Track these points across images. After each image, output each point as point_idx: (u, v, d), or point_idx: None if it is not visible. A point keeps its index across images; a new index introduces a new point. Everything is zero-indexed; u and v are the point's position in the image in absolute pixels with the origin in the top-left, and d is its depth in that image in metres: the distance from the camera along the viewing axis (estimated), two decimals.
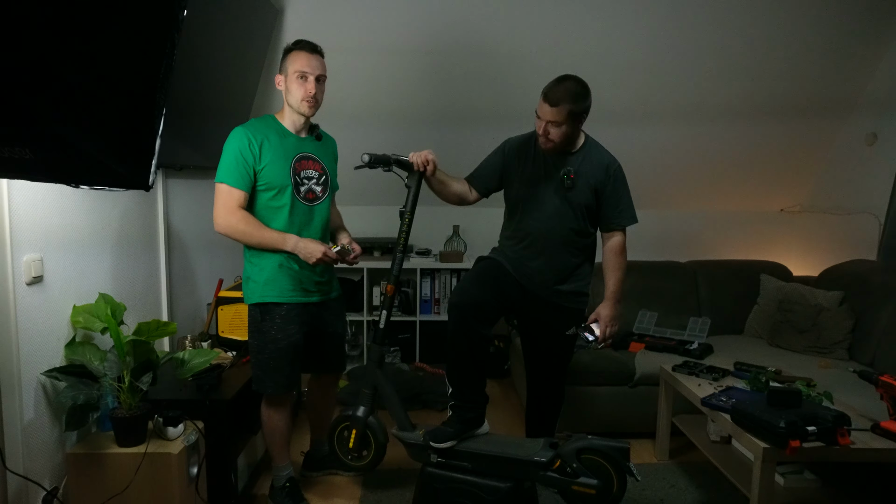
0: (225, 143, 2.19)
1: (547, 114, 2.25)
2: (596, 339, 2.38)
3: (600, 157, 2.42)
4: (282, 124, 2.28)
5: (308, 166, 2.30)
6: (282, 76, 2.24)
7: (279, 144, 2.22)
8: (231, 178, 2.15)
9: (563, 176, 2.37)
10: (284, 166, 2.22)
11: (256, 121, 2.28)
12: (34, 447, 1.90)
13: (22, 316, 1.83)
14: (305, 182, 2.29)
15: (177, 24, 1.00)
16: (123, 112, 1.06)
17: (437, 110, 3.71)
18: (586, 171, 2.38)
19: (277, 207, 2.23)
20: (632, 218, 2.46)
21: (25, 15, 0.97)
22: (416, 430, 2.26)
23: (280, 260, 2.23)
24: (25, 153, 1.06)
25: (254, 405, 2.58)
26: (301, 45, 2.22)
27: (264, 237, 2.19)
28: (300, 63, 2.19)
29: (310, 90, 2.19)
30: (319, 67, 2.22)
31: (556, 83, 2.28)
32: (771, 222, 4.46)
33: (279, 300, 2.24)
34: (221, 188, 2.17)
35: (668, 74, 3.53)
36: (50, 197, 1.95)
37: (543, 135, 2.30)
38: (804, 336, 3.35)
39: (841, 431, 2.05)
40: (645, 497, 2.64)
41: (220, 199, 2.17)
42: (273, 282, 2.24)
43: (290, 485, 2.44)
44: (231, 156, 2.16)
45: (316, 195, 2.32)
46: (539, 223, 2.42)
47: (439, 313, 4.16)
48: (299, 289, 2.28)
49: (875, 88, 3.66)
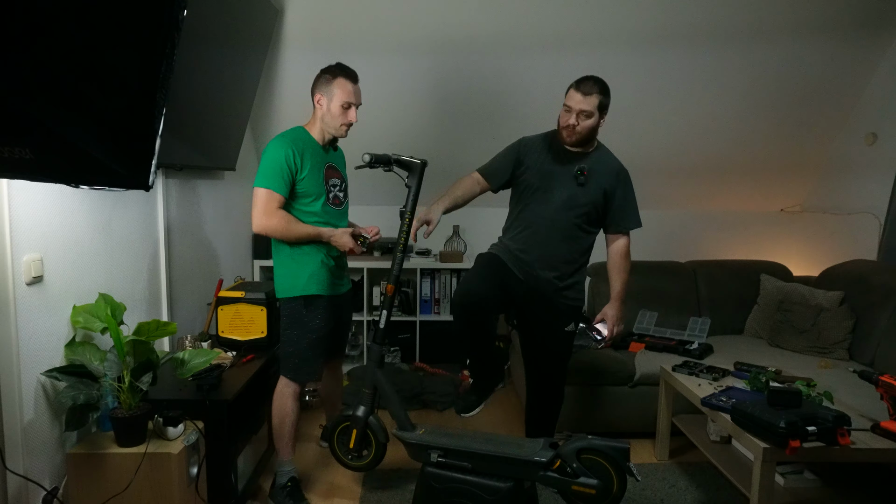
0: (265, 151, 2.37)
1: (580, 103, 2.36)
2: (603, 338, 2.47)
3: (611, 161, 2.53)
4: (312, 137, 2.46)
5: (333, 175, 2.52)
6: (323, 97, 2.40)
7: (314, 156, 2.42)
8: (273, 183, 2.32)
9: (577, 172, 2.46)
10: (319, 176, 2.44)
11: (292, 132, 2.43)
12: (34, 447, 1.90)
13: (22, 316, 1.83)
14: (332, 189, 2.51)
15: (177, 24, 1.00)
16: (123, 112, 1.06)
17: (437, 109, 3.71)
18: (599, 171, 2.47)
19: (312, 213, 2.43)
20: (637, 222, 2.56)
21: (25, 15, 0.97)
22: (417, 430, 2.26)
23: (321, 257, 2.46)
24: (25, 153, 1.06)
25: (254, 405, 2.59)
26: (346, 74, 2.39)
27: (302, 232, 2.39)
28: (346, 94, 2.38)
29: (352, 119, 2.41)
30: (360, 96, 2.43)
31: (585, 78, 2.40)
32: (771, 222, 4.46)
33: (322, 293, 2.46)
34: (261, 192, 2.33)
35: (667, 74, 3.53)
36: (50, 197, 1.95)
37: (572, 126, 2.38)
38: (804, 336, 3.35)
39: (841, 431, 2.05)
40: (645, 497, 2.64)
41: (260, 202, 2.33)
42: (316, 276, 2.45)
43: (291, 484, 2.48)
44: (275, 164, 2.33)
45: (340, 200, 2.55)
46: (545, 213, 2.48)
47: (439, 313, 4.16)
48: (333, 282, 2.52)
49: (875, 88, 3.66)
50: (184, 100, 2.55)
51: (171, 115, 1.08)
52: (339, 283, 2.57)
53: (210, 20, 2.59)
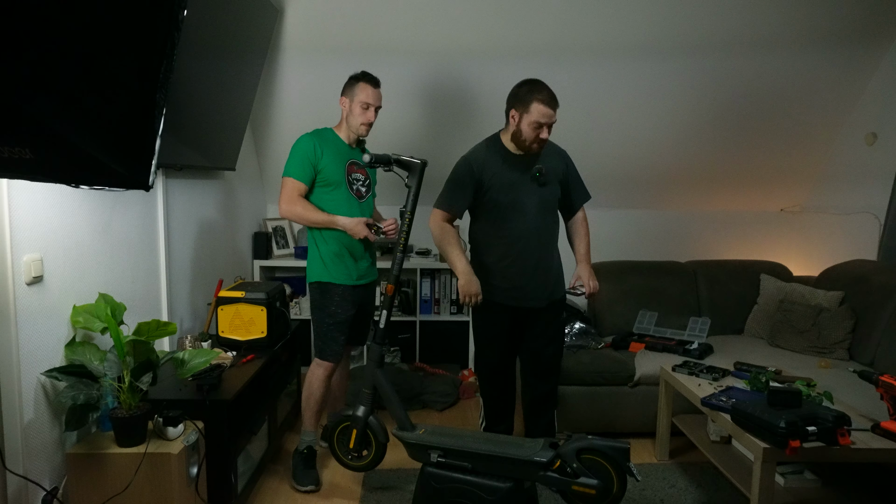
0: (293, 146, 2.64)
1: (551, 117, 2.42)
2: (584, 292, 2.65)
3: (553, 148, 2.63)
4: (338, 136, 2.71)
5: (356, 170, 2.73)
6: (347, 99, 2.65)
7: (336, 150, 2.66)
8: (297, 173, 2.60)
9: (536, 174, 2.52)
10: (340, 166, 2.65)
11: (320, 130, 2.70)
12: (34, 447, 1.90)
13: (22, 316, 1.83)
14: (355, 182, 2.71)
15: (177, 24, 1.00)
16: (124, 112, 1.06)
17: (436, 111, 3.71)
18: (551, 163, 2.57)
19: (333, 200, 2.64)
20: (587, 194, 2.73)
21: (25, 15, 0.97)
22: (417, 430, 2.26)
23: (337, 249, 2.64)
24: (25, 153, 1.06)
25: (254, 405, 2.59)
26: (368, 79, 2.63)
27: (319, 219, 2.61)
28: (366, 95, 2.61)
29: (370, 118, 2.64)
30: (379, 100, 2.65)
31: (544, 89, 2.42)
32: (771, 222, 4.46)
33: (335, 282, 2.65)
34: (288, 181, 2.61)
35: (668, 74, 3.53)
36: (50, 197, 1.95)
37: (543, 139, 2.45)
38: (804, 336, 3.35)
39: (841, 431, 2.05)
40: (645, 497, 2.64)
41: (286, 190, 2.61)
42: (331, 266, 2.66)
43: (307, 452, 2.72)
44: (299, 155, 2.61)
45: (361, 195, 2.74)
46: (525, 224, 2.54)
47: (439, 313, 4.16)
48: (350, 275, 2.68)
49: (875, 88, 3.66)
50: (184, 100, 2.55)
51: (171, 115, 1.08)
52: (359, 273, 2.72)
53: (210, 20, 2.59)
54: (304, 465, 2.70)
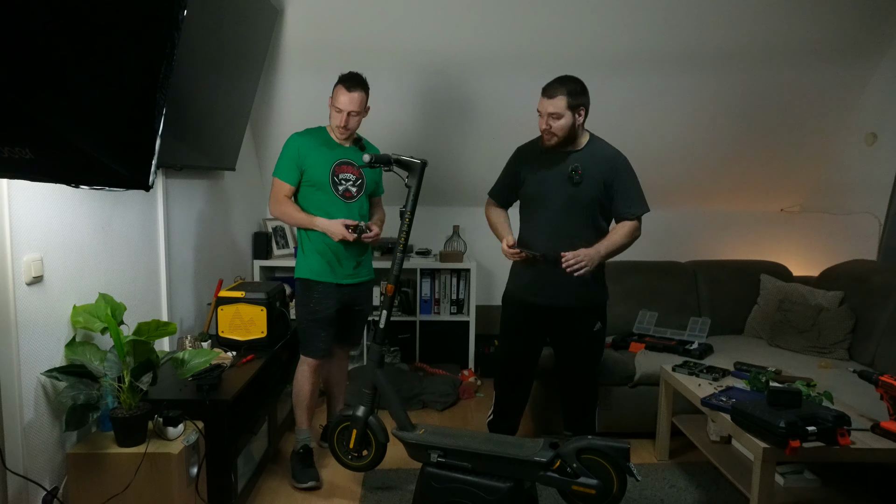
0: (283, 146, 2.68)
1: (547, 106, 2.39)
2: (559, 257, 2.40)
3: (605, 151, 2.53)
4: (329, 135, 2.70)
5: (346, 170, 2.69)
6: (330, 100, 2.64)
7: (322, 151, 2.66)
8: (283, 174, 2.65)
9: (571, 172, 2.47)
10: (325, 167, 2.64)
11: (311, 129, 2.72)
12: (34, 447, 1.90)
13: (22, 316, 1.83)
14: (343, 182, 2.68)
15: (177, 24, 1.00)
16: (123, 112, 1.06)
17: (436, 111, 3.71)
18: (593, 165, 2.48)
19: (317, 200, 2.65)
20: (643, 207, 2.55)
21: (25, 15, 0.97)
22: (417, 430, 2.26)
23: (321, 248, 2.66)
24: (25, 153, 1.06)
25: (254, 405, 2.59)
26: (344, 82, 2.58)
27: (300, 219, 2.66)
28: (337, 99, 2.59)
29: (341, 122, 2.61)
30: (352, 104, 2.58)
31: (552, 81, 2.43)
32: (771, 222, 4.46)
33: (316, 279, 2.67)
34: (276, 181, 2.67)
35: (670, 79, 3.53)
36: (50, 197, 1.95)
37: (546, 129, 2.43)
38: (804, 336, 3.35)
39: (841, 431, 2.05)
40: (645, 497, 2.64)
41: (273, 190, 2.68)
42: (314, 263, 2.68)
43: (303, 451, 2.73)
44: (286, 156, 2.65)
45: (352, 194, 2.70)
46: (548, 220, 2.52)
47: (439, 313, 4.16)
48: (334, 273, 2.68)
49: (875, 88, 3.66)
50: (184, 100, 2.55)
51: (171, 115, 1.08)
52: (345, 273, 2.71)
53: (210, 20, 2.59)
54: (302, 463, 2.71)
